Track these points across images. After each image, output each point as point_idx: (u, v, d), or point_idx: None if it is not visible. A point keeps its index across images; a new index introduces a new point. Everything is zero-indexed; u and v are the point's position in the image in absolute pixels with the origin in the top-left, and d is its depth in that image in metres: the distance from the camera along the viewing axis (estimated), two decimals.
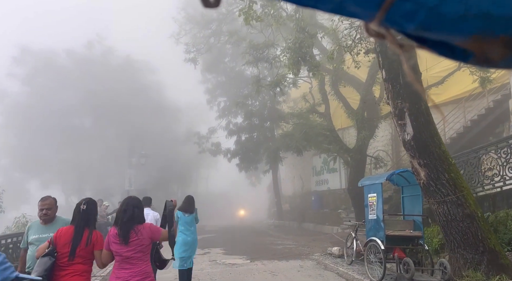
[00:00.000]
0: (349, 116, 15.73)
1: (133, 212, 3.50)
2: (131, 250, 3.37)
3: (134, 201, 3.66)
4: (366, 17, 0.50)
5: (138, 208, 3.58)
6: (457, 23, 0.47)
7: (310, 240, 15.06)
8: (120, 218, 3.49)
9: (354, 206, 16.25)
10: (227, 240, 16.04)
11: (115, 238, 3.39)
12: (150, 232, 3.51)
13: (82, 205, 3.56)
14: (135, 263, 3.38)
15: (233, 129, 25.76)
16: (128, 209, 3.50)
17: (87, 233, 3.46)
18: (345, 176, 21.97)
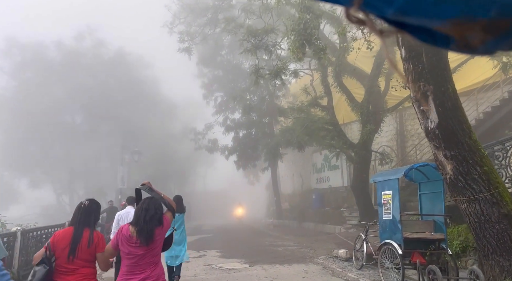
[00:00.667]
0: (353, 109, 14.84)
1: (155, 212, 3.25)
2: (148, 253, 3.14)
3: (156, 202, 3.38)
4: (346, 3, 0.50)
5: (159, 209, 3.34)
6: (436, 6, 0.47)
7: (312, 240, 14.19)
8: (140, 217, 3.18)
9: (359, 204, 15.39)
10: (224, 241, 15.15)
11: (129, 239, 3.12)
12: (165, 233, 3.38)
13: (85, 201, 3.45)
14: (148, 267, 3.16)
15: (230, 125, 24.85)
16: (150, 208, 3.24)
17: (88, 233, 3.26)
18: (348, 173, 21.12)
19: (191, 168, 45.91)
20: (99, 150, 24.09)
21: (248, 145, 24.19)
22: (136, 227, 3.15)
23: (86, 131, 23.97)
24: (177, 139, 33.40)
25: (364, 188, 15.21)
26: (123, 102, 23.75)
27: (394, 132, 18.27)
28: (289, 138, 17.46)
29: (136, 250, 3.11)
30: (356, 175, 15.17)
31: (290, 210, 26.11)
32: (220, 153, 25.53)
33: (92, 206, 3.45)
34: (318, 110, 16.06)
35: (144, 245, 3.11)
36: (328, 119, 14.88)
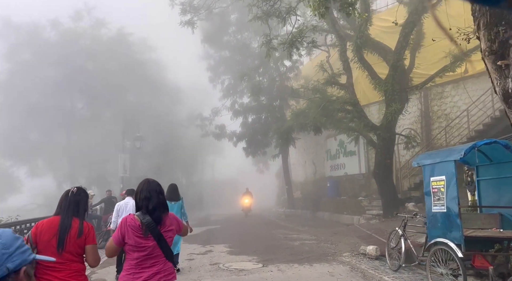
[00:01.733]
0: (375, 87, 13.25)
1: (158, 198, 2.90)
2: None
3: (155, 186, 2.97)
4: None
5: (162, 193, 2.97)
6: None
7: (331, 233, 12.80)
8: (143, 206, 2.85)
9: (382, 193, 13.93)
10: (233, 234, 13.85)
11: (137, 230, 2.75)
12: (176, 223, 3.02)
13: (73, 188, 3.16)
14: (158, 259, 2.80)
15: (238, 110, 23.39)
16: (152, 195, 2.88)
17: (77, 223, 2.92)
18: (366, 159, 19.63)
19: (199, 156, 44.74)
20: (102, 136, 22.85)
21: (258, 131, 22.74)
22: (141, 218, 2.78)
23: (87, 117, 22.74)
24: (183, 126, 32.09)
25: (387, 175, 13.73)
26: (124, 86, 22.36)
27: (418, 114, 16.66)
28: (302, 122, 15.99)
29: (145, 241, 2.76)
30: (379, 160, 13.67)
31: (303, 199, 24.76)
32: (228, 139, 24.14)
33: (80, 194, 3.14)
34: (336, 90, 14.49)
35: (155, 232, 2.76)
36: (347, 98, 13.32)
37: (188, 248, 10.85)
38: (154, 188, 2.94)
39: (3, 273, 1.05)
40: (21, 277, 1.11)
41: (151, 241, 2.76)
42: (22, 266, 1.11)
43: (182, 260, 8.74)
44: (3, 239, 1.10)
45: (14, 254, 1.10)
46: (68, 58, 21.66)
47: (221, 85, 24.93)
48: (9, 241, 1.11)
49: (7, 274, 1.06)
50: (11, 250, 1.09)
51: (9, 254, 1.08)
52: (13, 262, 1.08)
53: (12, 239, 1.12)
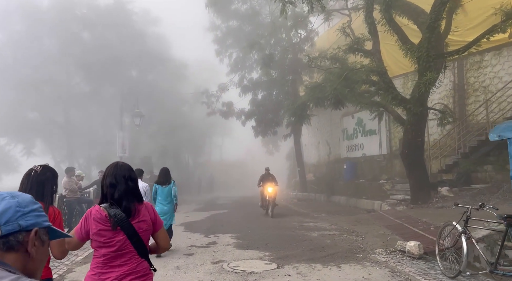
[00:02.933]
0: (406, 54, 11.33)
1: (126, 185, 2.40)
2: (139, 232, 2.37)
3: (125, 171, 2.45)
4: None
5: (132, 180, 2.45)
6: None
7: (353, 221, 11.20)
8: (108, 195, 2.39)
9: (410, 176, 12.20)
10: (241, 221, 12.34)
11: (104, 222, 2.33)
12: (153, 215, 2.48)
13: (36, 166, 2.67)
14: (130, 257, 2.36)
15: (247, 85, 21.61)
16: (118, 182, 2.39)
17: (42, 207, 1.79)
18: (387, 138, 17.85)
19: (206, 137, 43.27)
20: (102, 114, 21.34)
21: (268, 108, 21.01)
22: (108, 209, 2.32)
23: (86, 92, 21.18)
24: (189, 104, 30.47)
25: (418, 156, 11.98)
26: (124, 60, 20.62)
27: (450, 87, 14.73)
28: (319, 96, 14.22)
29: (114, 234, 2.31)
30: (408, 139, 11.90)
31: (316, 181, 23.18)
32: (236, 118, 22.46)
33: (46, 173, 2.63)
34: (359, 58, 12.59)
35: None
36: (374, 66, 11.45)
37: (189, 238, 9.36)
38: (123, 173, 2.45)
39: (14, 229, 1.05)
40: (32, 237, 1.08)
41: (121, 235, 2.34)
42: (35, 227, 1.09)
43: (180, 256, 7.23)
44: (19, 199, 1.10)
45: (29, 214, 1.09)
46: (62, 27, 19.88)
47: (229, 59, 23.08)
48: (25, 202, 1.11)
49: (19, 230, 1.06)
50: (26, 210, 1.09)
51: (23, 213, 1.08)
52: (26, 220, 1.07)
53: (29, 202, 1.12)
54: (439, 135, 14.89)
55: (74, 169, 10.67)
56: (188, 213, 16.02)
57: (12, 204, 1.07)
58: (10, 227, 1.04)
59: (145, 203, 2.50)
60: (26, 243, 1.08)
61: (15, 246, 1.06)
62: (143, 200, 2.50)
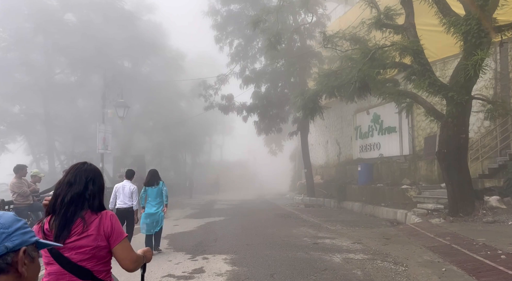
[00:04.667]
0: (448, 29, 9.03)
1: (85, 188, 2.02)
2: (74, 254, 1.92)
3: (89, 172, 2.09)
4: None
5: (94, 182, 2.06)
6: None
7: (379, 236, 8.89)
8: (58, 196, 2.00)
9: (449, 181, 9.88)
10: (240, 234, 10.04)
11: (49, 234, 1.97)
12: (109, 228, 2.01)
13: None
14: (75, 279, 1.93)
15: (249, 76, 19.31)
16: (76, 181, 2.02)
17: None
18: (410, 136, 15.52)
19: (206, 135, 41.02)
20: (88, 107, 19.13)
21: (273, 102, 18.73)
22: (53, 214, 1.98)
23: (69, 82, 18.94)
24: (186, 99, 28.22)
25: (461, 156, 9.67)
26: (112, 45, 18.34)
27: (490, 75, 12.38)
28: (334, 84, 11.95)
29: None
30: (449, 135, 9.59)
31: (324, 185, 20.88)
32: (236, 113, 20.16)
33: None
34: (388, 35, 10.28)
35: (59, 241, 1.88)
36: (408, 44, 9.13)
37: (170, 261, 7.10)
38: (86, 174, 2.05)
39: (1, 252, 1.03)
40: (21, 257, 1.07)
41: (64, 251, 1.93)
42: (22, 246, 1.08)
43: None
44: (2, 220, 1.08)
45: (14, 234, 1.07)
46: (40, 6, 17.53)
47: (229, 47, 20.78)
48: (9, 222, 1.08)
49: (6, 252, 1.04)
50: (10, 230, 1.07)
51: (8, 234, 1.06)
52: (12, 241, 1.06)
53: (12, 220, 1.10)
54: (475, 133, 12.60)
55: (26, 167, 8.40)
56: (178, 220, 13.76)
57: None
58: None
59: (104, 212, 2.04)
60: (16, 263, 1.06)
61: (5, 269, 1.04)
62: (103, 208, 2.05)
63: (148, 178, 7.94)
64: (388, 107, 16.71)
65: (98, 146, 14.06)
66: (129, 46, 19.64)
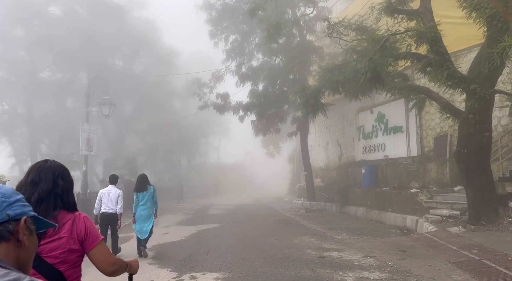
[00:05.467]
0: (471, 12, 8.01)
1: (54, 184, 1.86)
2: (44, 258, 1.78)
3: (57, 168, 1.93)
4: None
5: (63, 178, 1.92)
6: None
7: (393, 248, 7.82)
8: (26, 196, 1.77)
9: (469, 184, 8.83)
10: (235, 246, 8.93)
11: None
12: (83, 230, 1.89)
13: None
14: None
15: (246, 73, 18.26)
16: (42, 178, 1.85)
17: None
18: (417, 136, 14.49)
19: (201, 137, 39.86)
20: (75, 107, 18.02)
21: (271, 101, 17.68)
22: None
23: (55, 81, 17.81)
24: (181, 98, 27.12)
25: (483, 157, 8.64)
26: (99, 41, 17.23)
27: (508, 69, 11.36)
28: (338, 79, 10.96)
29: None
30: (470, 133, 8.55)
31: (325, 188, 19.83)
32: (232, 112, 19.09)
33: None
34: (401, 21, 9.22)
35: None
36: (425, 30, 8.08)
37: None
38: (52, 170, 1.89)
39: (3, 218, 1.04)
40: (22, 226, 1.07)
41: None
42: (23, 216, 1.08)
43: None
44: (3, 190, 1.09)
45: (15, 204, 1.08)
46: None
47: (225, 42, 19.70)
48: (9, 193, 1.10)
49: (7, 220, 1.05)
50: (11, 200, 1.08)
51: (9, 203, 1.07)
52: (13, 210, 1.07)
53: (12, 192, 1.11)
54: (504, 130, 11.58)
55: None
56: (169, 228, 12.65)
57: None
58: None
59: (78, 214, 1.92)
60: (17, 232, 1.07)
61: (6, 236, 1.04)
62: (75, 208, 1.95)
63: (137, 184, 7.96)
64: (393, 105, 15.71)
65: (81, 147, 12.92)
66: (118, 42, 18.56)
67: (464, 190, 11.51)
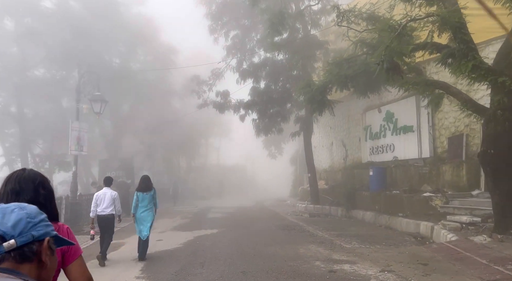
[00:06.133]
0: None
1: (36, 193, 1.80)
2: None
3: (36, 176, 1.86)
4: None
5: (44, 186, 1.86)
6: None
7: (412, 260, 6.94)
8: None
9: (495, 188, 7.92)
10: (234, 256, 8.03)
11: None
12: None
13: None
14: None
15: (247, 70, 17.38)
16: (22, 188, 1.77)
17: None
18: (430, 137, 13.57)
19: (201, 138, 38.98)
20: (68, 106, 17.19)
21: (273, 98, 16.81)
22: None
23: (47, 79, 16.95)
24: (181, 98, 26.25)
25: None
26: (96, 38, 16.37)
27: None
28: (347, 73, 10.13)
29: None
30: (497, 132, 7.67)
31: (329, 191, 18.93)
32: (233, 111, 18.22)
33: None
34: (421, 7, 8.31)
35: None
36: (446, 16, 7.19)
37: None
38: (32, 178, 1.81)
39: (28, 240, 1.06)
40: (45, 247, 1.10)
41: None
42: (46, 237, 1.11)
43: None
44: (28, 210, 1.11)
45: (39, 224, 1.10)
46: None
47: (225, 38, 18.83)
48: (34, 213, 1.11)
49: (32, 241, 1.07)
50: (36, 220, 1.10)
51: (34, 224, 1.09)
52: (38, 231, 1.09)
53: (37, 212, 1.13)
54: None
55: None
56: (164, 234, 11.77)
57: (23, 215, 1.07)
58: (24, 238, 1.05)
59: (61, 225, 1.93)
60: (39, 253, 1.09)
61: (30, 257, 1.06)
62: (57, 219, 1.91)
63: (141, 184, 8.07)
64: (403, 103, 14.83)
65: (70, 146, 12.04)
66: (114, 38, 17.72)
67: (483, 194, 10.68)
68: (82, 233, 11.99)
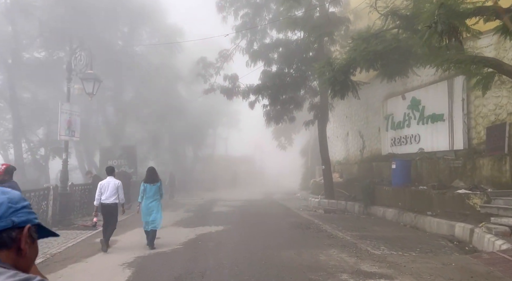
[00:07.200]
0: None
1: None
2: None
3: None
4: None
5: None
6: None
7: (465, 277, 5.54)
8: None
9: None
10: (241, 259, 6.70)
11: None
12: None
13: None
14: None
15: (258, 51, 15.90)
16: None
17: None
18: (464, 126, 12.00)
19: (209, 127, 37.66)
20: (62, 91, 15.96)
21: (286, 83, 15.33)
22: None
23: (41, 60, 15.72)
24: (187, 84, 24.91)
25: None
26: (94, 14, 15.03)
27: None
28: (377, 49, 8.67)
29: None
30: None
31: (344, 184, 17.53)
32: (242, 97, 16.79)
33: None
34: None
35: None
36: None
37: None
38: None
39: (7, 225, 1.03)
40: (25, 234, 1.05)
41: None
42: (27, 224, 1.07)
43: None
44: (10, 195, 1.07)
45: (21, 211, 1.06)
46: None
47: (234, 16, 17.31)
48: (16, 199, 1.08)
49: (11, 227, 1.03)
50: (17, 206, 1.06)
51: (15, 209, 1.05)
52: (18, 217, 1.05)
53: (20, 198, 1.09)
54: None
55: None
56: (164, 230, 10.41)
57: (4, 200, 1.04)
58: (3, 223, 1.02)
59: None
60: (19, 240, 1.06)
61: (9, 243, 1.03)
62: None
63: (148, 176, 8.23)
64: (432, 89, 13.29)
65: (59, 131, 10.74)
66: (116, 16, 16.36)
67: None
68: (73, 228, 10.81)
